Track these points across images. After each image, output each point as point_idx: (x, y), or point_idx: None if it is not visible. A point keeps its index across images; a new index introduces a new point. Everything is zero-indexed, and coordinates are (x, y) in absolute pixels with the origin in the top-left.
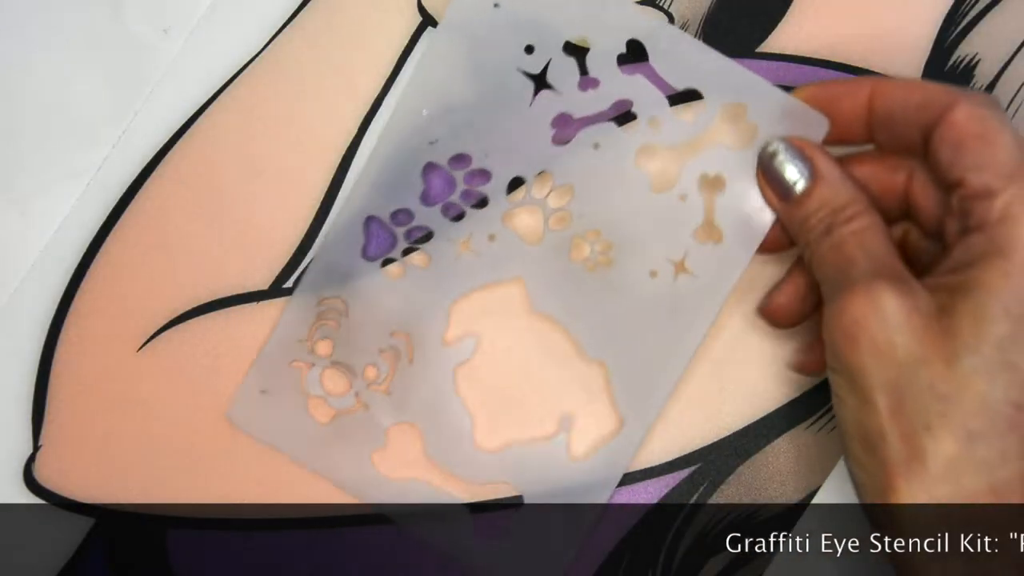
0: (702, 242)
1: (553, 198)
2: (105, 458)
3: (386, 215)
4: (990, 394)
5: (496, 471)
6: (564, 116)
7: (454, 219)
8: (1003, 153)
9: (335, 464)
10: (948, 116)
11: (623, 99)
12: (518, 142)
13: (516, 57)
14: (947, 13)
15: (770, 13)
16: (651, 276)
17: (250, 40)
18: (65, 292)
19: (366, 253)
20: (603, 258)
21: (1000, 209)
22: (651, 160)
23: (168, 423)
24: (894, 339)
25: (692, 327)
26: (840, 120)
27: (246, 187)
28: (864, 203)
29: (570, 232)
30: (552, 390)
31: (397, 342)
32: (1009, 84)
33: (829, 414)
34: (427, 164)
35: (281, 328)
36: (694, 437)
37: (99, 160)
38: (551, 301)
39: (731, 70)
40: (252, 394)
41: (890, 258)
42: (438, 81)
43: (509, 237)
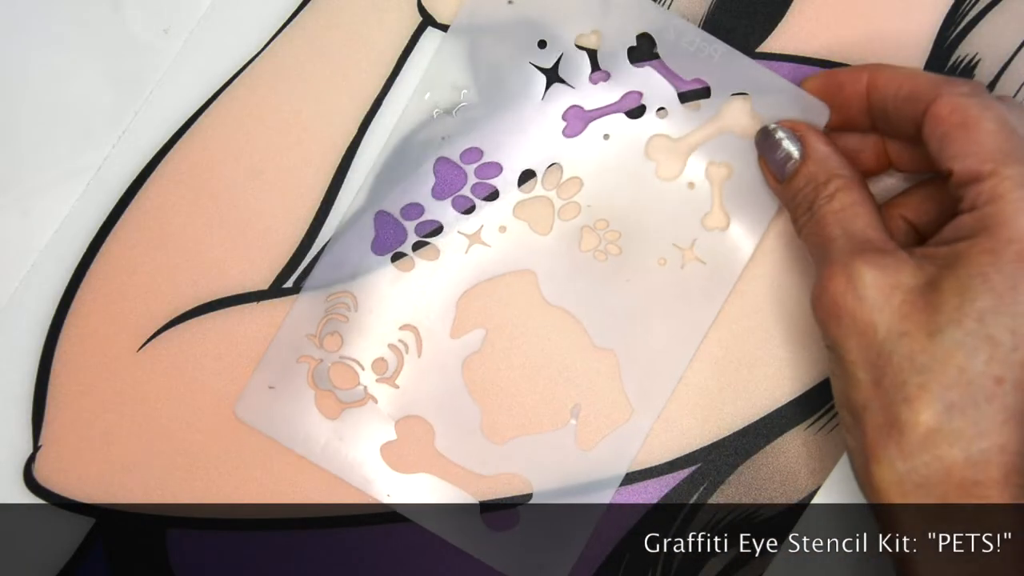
0: (710, 229)
1: (563, 189)
2: (105, 458)
3: (396, 209)
4: (970, 367)
5: (506, 462)
6: (575, 109)
7: (465, 212)
8: (986, 139)
9: (343, 459)
10: (931, 109)
11: (633, 91)
12: (530, 135)
13: (529, 52)
14: (947, 13)
15: (770, 13)
16: (660, 264)
17: (250, 40)
18: (65, 292)
19: (375, 247)
20: (612, 247)
21: (987, 192)
22: (660, 150)
23: (168, 423)
24: (873, 317)
25: (701, 313)
26: (843, 109)
27: (246, 187)
28: (848, 178)
29: (579, 222)
30: (561, 380)
31: (406, 335)
32: (1009, 84)
33: (829, 414)
34: (438, 159)
35: (289, 323)
36: (694, 437)
37: (99, 160)
38: (561, 291)
39: (737, 61)
40: (260, 389)
41: (872, 231)
42: (451, 76)
43: (520, 228)
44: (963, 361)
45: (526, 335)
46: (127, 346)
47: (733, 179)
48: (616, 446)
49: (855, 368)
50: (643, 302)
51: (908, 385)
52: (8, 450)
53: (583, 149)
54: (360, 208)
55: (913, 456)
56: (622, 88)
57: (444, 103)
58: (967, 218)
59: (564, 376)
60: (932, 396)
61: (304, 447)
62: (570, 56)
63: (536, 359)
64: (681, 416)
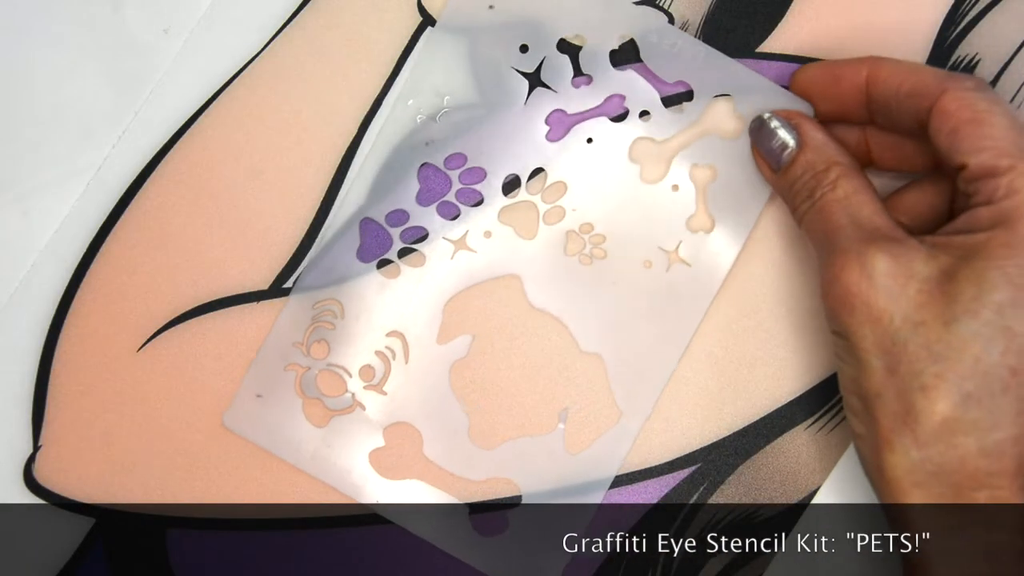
0: (695, 232)
1: (547, 194)
2: (105, 458)
3: (381, 216)
4: (987, 357)
5: (494, 467)
6: (558, 113)
7: (450, 218)
8: (999, 133)
9: (332, 466)
10: (939, 104)
11: (616, 95)
12: (513, 139)
13: (511, 56)
14: (947, 13)
15: (770, 13)
16: (645, 267)
17: (250, 40)
18: (65, 292)
19: (361, 254)
20: (597, 251)
21: (1005, 186)
22: (643, 153)
23: (168, 423)
24: (889, 307)
25: (687, 315)
26: (840, 101)
27: (246, 187)
28: (847, 165)
29: (564, 226)
30: (549, 385)
31: (393, 342)
32: (1009, 84)
33: (830, 414)
34: (422, 165)
35: (275, 332)
36: (694, 437)
37: (99, 160)
38: (547, 296)
39: (720, 63)
40: (248, 399)
41: (879, 218)
42: (433, 82)
43: (505, 233)
44: (979, 351)
45: (513, 340)
46: (127, 346)
47: (717, 181)
48: (605, 449)
49: (868, 356)
50: (629, 305)
51: (924, 374)
52: (8, 450)
53: (567, 153)
54: (347, 214)
55: (928, 445)
56: (605, 92)
57: (427, 109)
58: (984, 211)
59: (552, 380)
60: (949, 385)
61: (293, 455)
62: (552, 60)
63: (523, 364)
64: (681, 416)
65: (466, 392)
